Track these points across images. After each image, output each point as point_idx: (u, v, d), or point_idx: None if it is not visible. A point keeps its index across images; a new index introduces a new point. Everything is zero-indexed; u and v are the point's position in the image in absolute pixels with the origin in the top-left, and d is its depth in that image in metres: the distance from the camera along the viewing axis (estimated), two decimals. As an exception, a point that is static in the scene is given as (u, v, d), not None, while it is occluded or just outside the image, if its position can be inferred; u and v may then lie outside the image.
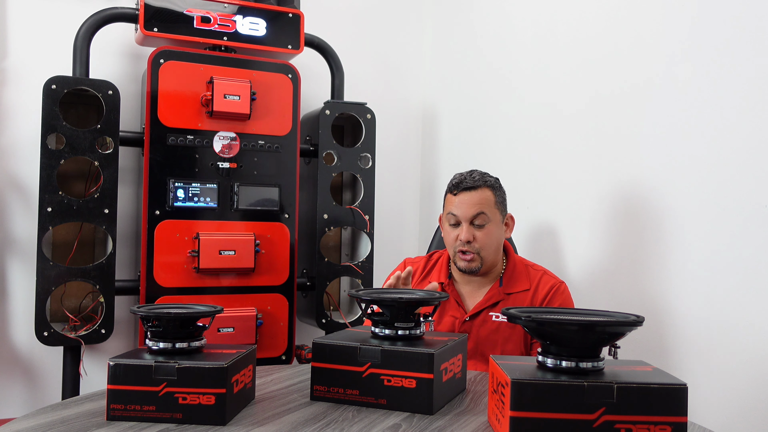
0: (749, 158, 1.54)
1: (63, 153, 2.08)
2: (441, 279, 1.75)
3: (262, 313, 2.33)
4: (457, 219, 1.68)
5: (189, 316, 1.09)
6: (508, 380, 0.93)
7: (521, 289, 1.70)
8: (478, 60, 2.69)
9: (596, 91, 2.02)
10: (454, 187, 1.70)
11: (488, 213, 1.67)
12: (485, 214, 1.67)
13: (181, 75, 2.23)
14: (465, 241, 1.66)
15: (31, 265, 2.27)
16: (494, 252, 1.70)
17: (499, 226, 1.70)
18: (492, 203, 1.69)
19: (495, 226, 1.69)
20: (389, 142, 3.00)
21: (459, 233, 1.67)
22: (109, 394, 1.04)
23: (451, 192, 1.71)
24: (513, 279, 1.72)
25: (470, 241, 1.66)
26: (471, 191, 1.67)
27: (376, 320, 1.20)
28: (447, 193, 1.74)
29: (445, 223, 1.73)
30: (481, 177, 1.70)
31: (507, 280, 1.72)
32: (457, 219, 1.68)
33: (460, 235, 1.67)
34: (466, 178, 1.70)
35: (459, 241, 1.67)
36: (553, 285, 1.69)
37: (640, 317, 0.96)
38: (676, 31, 1.74)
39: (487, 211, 1.67)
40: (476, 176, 1.70)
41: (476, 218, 1.66)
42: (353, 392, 1.14)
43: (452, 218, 1.70)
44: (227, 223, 2.30)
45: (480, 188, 1.68)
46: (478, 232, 1.67)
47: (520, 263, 1.76)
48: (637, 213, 1.85)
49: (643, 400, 0.91)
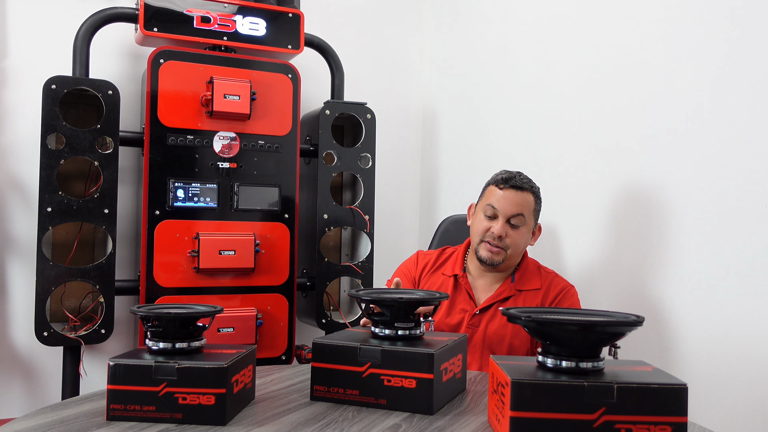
0: (750, 158, 1.54)
1: (63, 153, 2.08)
2: (456, 271, 1.76)
3: (262, 313, 2.33)
4: (495, 212, 1.70)
5: (189, 316, 1.09)
6: (508, 380, 0.93)
7: (533, 287, 1.72)
8: (478, 60, 2.69)
9: (597, 91, 2.02)
10: (503, 182, 1.71)
11: (526, 216, 1.70)
12: (523, 216, 1.69)
13: (181, 75, 2.23)
14: (497, 236, 1.67)
15: (31, 265, 2.27)
16: (518, 254, 1.74)
17: (529, 231, 1.74)
18: (531, 209, 1.72)
19: (527, 230, 1.72)
20: (389, 142, 3.00)
21: (492, 226, 1.69)
22: (109, 394, 1.04)
23: (497, 185, 1.72)
24: (525, 277, 1.74)
25: (502, 236, 1.68)
26: (517, 191, 1.70)
27: (376, 320, 1.21)
28: (490, 185, 1.75)
29: (480, 212, 1.74)
30: (528, 181, 1.74)
31: (519, 278, 1.74)
32: (495, 212, 1.70)
33: (493, 228, 1.69)
34: (516, 176, 1.72)
35: (490, 234, 1.69)
36: (563, 288, 1.72)
37: (640, 317, 0.96)
38: (678, 31, 1.74)
39: (525, 213, 1.70)
40: (524, 179, 1.73)
41: (514, 218, 1.69)
42: (353, 392, 1.14)
43: (490, 210, 1.71)
44: (227, 223, 2.30)
45: (526, 191, 1.71)
46: (511, 231, 1.69)
47: (532, 263, 1.78)
48: (638, 213, 1.85)
49: (643, 400, 0.91)
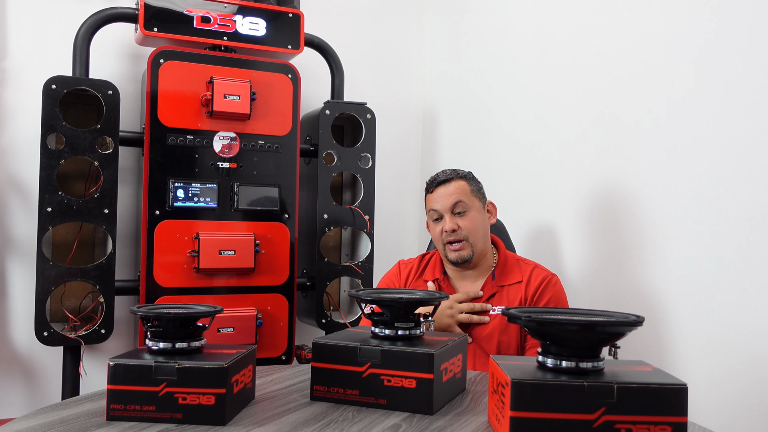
0: (750, 158, 1.54)
1: (63, 153, 2.08)
2: (436, 275, 1.77)
3: (262, 313, 2.33)
4: (438, 213, 1.72)
5: (189, 316, 1.09)
6: (508, 380, 0.93)
7: (514, 281, 1.72)
8: (478, 60, 2.69)
9: (596, 91, 2.02)
10: (429, 186, 1.77)
11: (466, 200, 1.71)
12: (463, 201, 1.71)
13: (181, 75, 2.23)
14: (450, 231, 1.69)
15: (31, 265, 2.27)
16: (482, 238, 1.73)
17: (480, 212, 1.74)
18: (468, 191, 1.73)
19: (476, 212, 1.72)
20: (389, 142, 3.00)
21: (443, 225, 1.71)
22: (109, 394, 1.04)
23: (428, 191, 1.77)
24: (506, 272, 1.74)
25: (455, 229, 1.69)
26: (445, 184, 1.73)
27: (376, 320, 1.21)
28: (426, 194, 1.78)
29: (430, 222, 1.77)
30: (452, 171, 1.76)
31: (500, 273, 1.74)
32: (439, 213, 1.72)
33: (443, 226, 1.70)
34: (438, 174, 1.76)
35: (445, 233, 1.70)
36: (545, 277, 1.71)
37: (640, 317, 0.96)
38: (676, 31, 1.74)
39: (464, 198, 1.71)
40: (448, 171, 1.76)
41: (455, 206, 1.70)
42: (353, 392, 1.14)
43: (434, 214, 1.73)
44: (227, 223, 2.30)
45: (453, 180, 1.73)
46: (460, 220, 1.70)
47: (511, 257, 1.78)
48: (638, 213, 1.85)
49: (643, 400, 0.91)
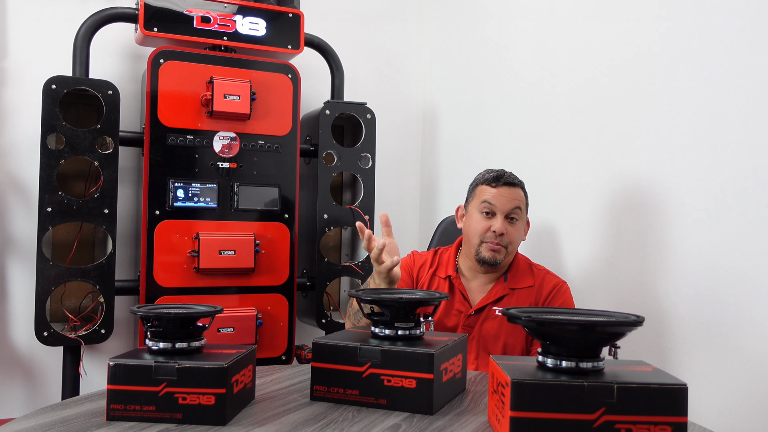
0: (750, 158, 1.54)
1: (63, 153, 2.08)
2: (449, 272, 1.76)
3: (262, 313, 2.33)
4: (493, 209, 1.69)
5: (189, 316, 1.09)
6: (508, 380, 0.93)
7: (526, 285, 1.71)
8: (478, 60, 2.69)
9: (596, 90, 2.02)
10: (494, 180, 1.72)
11: (522, 210, 1.72)
12: (521, 209, 1.71)
13: (181, 75, 2.23)
14: (499, 233, 1.67)
15: (31, 265, 2.27)
16: (515, 251, 1.74)
17: (524, 226, 1.76)
18: (524, 203, 1.74)
19: (523, 224, 1.74)
20: (389, 142, 3.00)
21: (492, 224, 1.68)
22: (109, 394, 1.04)
23: (489, 183, 1.72)
24: (518, 275, 1.74)
25: (503, 233, 1.67)
26: (511, 187, 1.71)
27: (376, 320, 1.21)
28: (480, 185, 1.74)
29: (475, 213, 1.72)
30: (517, 177, 1.75)
31: (512, 277, 1.73)
32: (493, 210, 1.69)
33: (493, 226, 1.67)
34: (505, 173, 1.73)
35: (491, 233, 1.68)
36: (556, 284, 1.72)
37: (640, 317, 0.96)
38: (678, 29, 1.74)
39: (522, 207, 1.72)
40: (513, 175, 1.74)
41: (513, 212, 1.69)
42: (353, 392, 1.14)
43: (487, 207, 1.70)
44: (227, 223, 2.30)
45: (518, 186, 1.73)
46: (510, 227, 1.69)
47: (523, 261, 1.78)
48: (638, 213, 1.85)
49: (643, 400, 0.91)
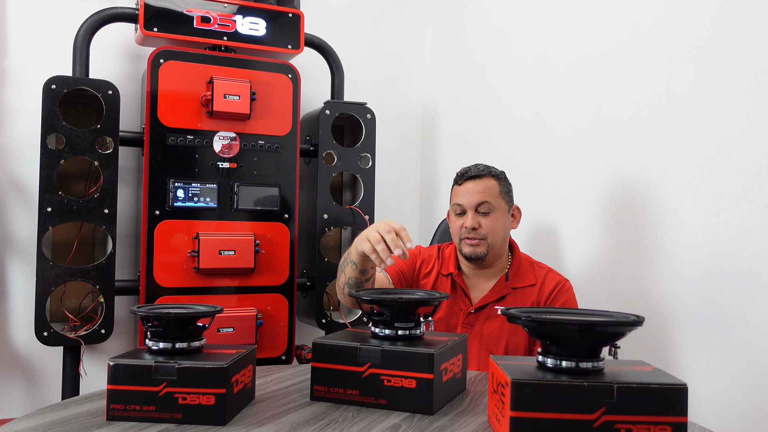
0: (750, 157, 1.54)
1: (63, 153, 2.08)
2: (451, 269, 1.76)
3: (262, 313, 2.33)
4: (462, 208, 1.70)
5: (189, 316, 1.09)
6: (508, 380, 0.93)
7: (528, 284, 1.71)
8: (478, 60, 2.69)
9: (596, 91, 2.01)
10: (459, 178, 1.73)
11: (493, 201, 1.69)
12: (489, 202, 1.69)
13: (181, 75, 2.23)
14: (470, 228, 1.67)
15: (31, 265, 2.27)
16: (501, 240, 1.72)
17: (504, 215, 1.73)
18: (496, 192, 1.71)
19: (500, 214, 1.71)
20: (389, 142, 3.00)
21: (464, 221, 1.69)
22: (109, 394, 1.04)
23: (456, 183, 1.74)
24: (519, 274, 1.73)
25: (475, 228, 1.67)
26: (475, 180, 1.70)
27: (376, 320, 1.21)
28: (453, 186, 1.76)
29: (452, 214, 1.75)
30: (485, 168, 1.74)
31: (513, 275, 1.73)
32: (463, 208, 1.70)
33: (465, 222, 1.69)
34: (471, 168, 1.73)
35: (464, 229, 1.69)
36: (558, 282, 1.70)
37: (640, 317, 0.96)
38: (678, 30, 1.74)
39: (491, 199, 1.69)
40: (481, 167, 1.73)
41: (481, 206, 1.68)
42: (353, 392, 1.14)
43: (458, 208, 1.71)
44: (227, 223, 2.30)
45: (484, 177, 1.71)
46: (483, 220, 1.68)
47: (525, 260, 1.77)
48: (638, 213, 1.85)
49: (643, 400, 0.91)
